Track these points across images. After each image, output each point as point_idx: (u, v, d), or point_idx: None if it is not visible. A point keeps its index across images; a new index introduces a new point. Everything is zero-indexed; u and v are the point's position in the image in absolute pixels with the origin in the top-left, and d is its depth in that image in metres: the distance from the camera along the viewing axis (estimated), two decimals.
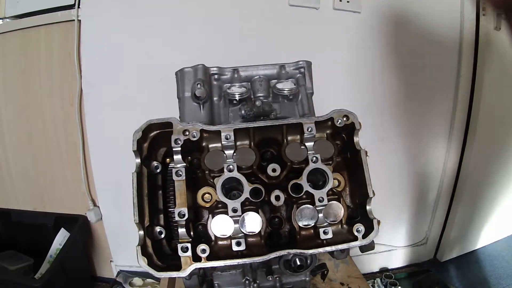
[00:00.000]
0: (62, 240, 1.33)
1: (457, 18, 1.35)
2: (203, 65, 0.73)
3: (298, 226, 0.57)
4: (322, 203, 0.56)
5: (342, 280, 1.14)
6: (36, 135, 1.39)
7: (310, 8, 1.24)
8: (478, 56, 1.39)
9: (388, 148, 1.44)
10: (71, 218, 1.40)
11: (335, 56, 1.30)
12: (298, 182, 0.57)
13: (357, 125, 0.59)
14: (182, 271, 0.52)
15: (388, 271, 1.62)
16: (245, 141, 0.60)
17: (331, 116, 0.59)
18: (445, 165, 1.53)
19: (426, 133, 1.47)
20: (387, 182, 1.48)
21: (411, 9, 1.30)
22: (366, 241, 0.55)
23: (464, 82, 1.41)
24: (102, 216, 1.43)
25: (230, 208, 0.55)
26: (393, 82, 1.37)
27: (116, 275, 1.51)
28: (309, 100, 0.75)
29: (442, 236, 1.67)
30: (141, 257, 0.52)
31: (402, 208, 1.55)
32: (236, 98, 0.71)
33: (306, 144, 0.60)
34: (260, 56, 1.16)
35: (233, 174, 0.56)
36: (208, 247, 0.53)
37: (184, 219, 0.53)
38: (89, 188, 1.40)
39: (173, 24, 1.22)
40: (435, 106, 1.44)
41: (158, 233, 0.58)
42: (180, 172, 0.55)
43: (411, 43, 1.33)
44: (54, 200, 1.45)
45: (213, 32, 1.23)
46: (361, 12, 1.26)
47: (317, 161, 0.58)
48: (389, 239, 1.59)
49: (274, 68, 0.76)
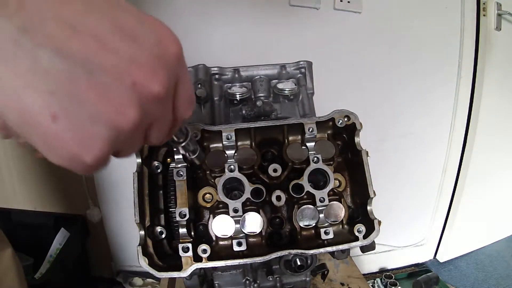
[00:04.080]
0: (62, 240, 1.33)
1: (457, 18, 1.35)
2: (204, 65, 0.73)
3: (299, 226, 0.58)
4: (323, 203, 0.56)
5: (342, 280, 1.14)
6: None
7: (311, 8, 1.24)
8: (479, 56, 1.39)
9: (388, 148, 1.44)
10: (71, 218, 1.40)
11: (336, 56, 1.30)
12: (299, 183, 0.57)
13: (358, 125, 0.59)
14: (183, 271, 0.52)
15: (388, 271, 1.62)
16: (246, 141, 0.60)
17: (332, 117, 0.60)
18: (445, 165, 1.53)
19: (427, 133, 1.47)
20: (387, 182, 1.48)
21: (411, 9, 1.30)
22: (367, 241, 0.55)
23: (464, 82, 1.41)
24: (102, 216, 1.43)
25: (231, 208, 0.55)
26: (394, 82, 1.37)
27: (116, 275, 1.51)
28: (310, 100, 0.75)
29: (442, 236, 1.67)
30: (142, 257, 0.52)
31: (402, 208, 1.55)
32: (237, 98, 0.71)
33: (307, 144, 0.60)
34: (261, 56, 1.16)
35: (234, 174, 0.56)
36: (209, 247, 0.53)
37: (185, 219, 0.53)
38: (89, 188, 1.40)
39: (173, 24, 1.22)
40: (435, 106, 1.44)
41: (159, 233, 0.58)
42: (181, 172, 0.55)
43: (411, 43, 1.33)
44: (54, 200, 1.45)
45: (214, 32, 1.23)
46: (361, 13, 1.26)
47: (318, 161, 0.58)
48: (389, 239, 1.59)
49: (275, 68, 0.76)
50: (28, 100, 0.21)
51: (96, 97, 0.22)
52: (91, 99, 0.22)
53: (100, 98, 0.22)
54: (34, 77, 0.21)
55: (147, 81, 0.23)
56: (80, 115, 0.22)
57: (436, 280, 1.46)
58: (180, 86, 0.28)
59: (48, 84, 0.21)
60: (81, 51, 0.21)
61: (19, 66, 0.20)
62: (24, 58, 0.20)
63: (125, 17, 0.23)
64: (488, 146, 1.52)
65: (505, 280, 1.54)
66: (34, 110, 0.21)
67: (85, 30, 0.21)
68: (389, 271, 1.62)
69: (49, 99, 0.21)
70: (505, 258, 1.68)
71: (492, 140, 1.52)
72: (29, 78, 0.21)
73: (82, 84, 0.21)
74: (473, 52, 1.38)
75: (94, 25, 0.22)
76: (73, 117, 0.22)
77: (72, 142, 0.22)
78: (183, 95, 0.28)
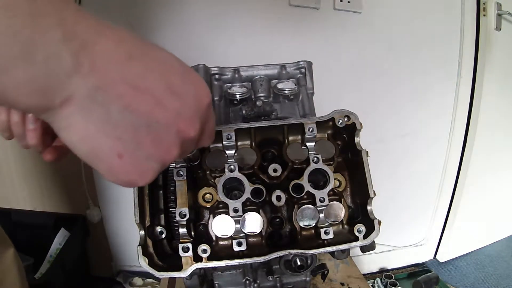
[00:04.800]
0: (62, 240, 1.33)
1: (457, 18, 1.35)
2: (204, 65, 0.73)
3: (299, 226, 0.57)
4: (323, 203, 0.56)
5: (342, 280, 1.14)
6: None
7: (311, 8, 1.24)
8: (478, 56, 1.39)
9: (388, 148, 1.44)
10: (71, 218, 1.40)
11: (336, 56, 1.30)
12: (299, 182, 0.57)
13: (358, 125, 0.59)
14: (183, 271, 0.52)
15: (388, 271, 1.62)
16: (246, 141, 0.60)
17: (332, 117, 0.59)
18: (445, 165, 1.53)
19: (427, 133, 1.47)
20: (387, 182, 1.48)
21: (411, 9, 1.30)
22: (367, 241, 0.55)
23: (464, 82, 1.42)
24: (102, 216, 1.43)
25: (231, 208, 0.55)
26: (394, 82, 1.37)
27: (116, 275, 1.51)
28: (310, 100, 0.75)
29: (442, 236, 1.67)
30: (142, 257, 0.52)
31: (402, 208, 1.55)
32: (237, 98, 0.70)
33: (307, 144, 0.60)
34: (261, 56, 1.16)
35: (234, 174, 0.56)
36: (209, 247, 0.53)
37: (185, 219, 0.53)
38: (89, 188, 1.40)
39: (174, 24, 1.22)
40: (435, 105, 1.44)
41: (159, 233, 0.58)
42: (181, 172, 0.55)
43: (411, 43, 1.33)
44: (54, 200, 1.45)
45: (214, 32, 1.23)
46: (361, 13, 1.26)
47: (318, 161, 0.58)
48: (389, 239, 1.59)
49: (275, 68, 0.76)
50: (100, 141, 0.27)
51: (151, 142, 0.29)
52: (147, 143, 0.29)
53: (154, 143, 0.29)
54: (106, 125, 0.26)
55: (187, 129, 0.30)
56: (139, 155, 0.29)
57: (436, 280, 1.46)
58: (206, 125, 0.35)
59: (117, 131, 0.27)
60: (142, 108, 0.27)
61: (94, 116, 0.26)
62: (98, 110, 0.26)
63: (174, 77, 0.30)
64: (488, 146, 1.52)
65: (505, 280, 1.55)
66: (105, 150, 0.28)
67: (145, 90, 0.27)
68: (389, 271, 1.62)
69: (116, 142, 0.27)
70: (505, 258, 1.68)
71: (492, 140, 1.53)
72: (101, 125, 0.26)
73: (142, 132, 0.28)
74: (473, 52, 1.39)
75: (152, 85, 0.28)
76: (134, 156, 0.29)
77: (132, 173, 0.30)
78: (208, 132, 0.36)
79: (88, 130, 0.26)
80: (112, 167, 0.29)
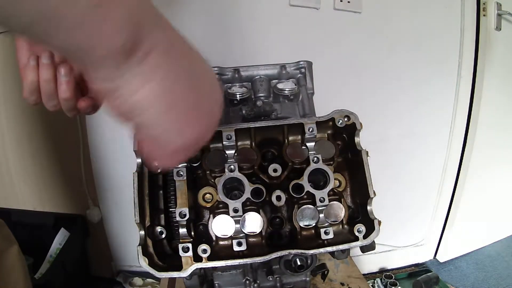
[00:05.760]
0: (62, 240, 1.33)
1: (457, 18, 1.35)
2: None
3: (299, 226, 0.58)
4: (323, 203, 0.56)
5: (342, 280, 1.14)
6: (36, 134, 1.39)
7: (311, 8, 1.24)
8: (478, 56, 1.39)
9: (388, 147, 1.44)
10: (71, 218, 1.40)
11: (336, 56, 1.30)
12: (299, 182, 0.57)
13: (358, 125, 0.59)
14: (183, 271, 0.52)
15: (388, 271, 1.62)
16: (246, 141, 0.60)
17: (332, 117, 0.60)
18: (445, 165, 1.53)
19: (426, 133, 1.47)
20: (387, 182, 1.48)
21: (411, 9, 1.30)
22: (367, 241, 0.55)
23: (464, 82, 1.41)
24: (102, 216, 1.43)
25: (231, 208, 0.55)
26: (394, 82, 1.37)
27: (116, 275, 1.51)
28: (310, 100, 0.75)
29: (442, 236, 1.67)
30: (142, 257, 0.52)
31: (402, 208, 1.55)
32: (237, 98, 0.70)
33: (307, 144, 0.60)
34: (261, 56, 1.16)
35: (234, 174, 0.56)
36: (209, 247, 0.53)
37: (185, 219, 0.53)
38: (89, 188, 1.40)
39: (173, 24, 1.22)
40: (436, 106, 1.44)
41: (159, 233, 0.58)
42: (181, 172, 0.55)
43: (411, 43, 1.33)
44: (54, 199, 1.45)
45: (214, 32, 1.23)
46: (361, 13, 1.26)
47: (318, 161, 0.58)
48: (389, 239, 1.59)
49: (275, 68, 0.76)
50: (178, 94, 0.31)
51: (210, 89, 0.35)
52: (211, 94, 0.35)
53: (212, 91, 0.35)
54: (180, 79, 0.32)
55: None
56: (208, 106, 0.35)
57: (436, 280, 1.46)
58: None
59: (191, 83, 0.33)
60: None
61: (169, 71, 0.30)
62: (173, 65, 0.31)
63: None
64: (488, 146, 1.52)
65: (505, 280, 1.54)
66: (181, 104, 0.31)
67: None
68: (389, 271, 1.62)
69: (190, 94, 0.32)
70: (505, 258, 1.68)
71: (492, 140, 1.52)
72: (176, 79, 0.31)
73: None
74: (473, 52, 1.38)
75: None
76: (205, 106, 0.34)
77: (204, 125, 0.34)
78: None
79: (164, 85, 0.29)
80: (189, 120, 0.31)
